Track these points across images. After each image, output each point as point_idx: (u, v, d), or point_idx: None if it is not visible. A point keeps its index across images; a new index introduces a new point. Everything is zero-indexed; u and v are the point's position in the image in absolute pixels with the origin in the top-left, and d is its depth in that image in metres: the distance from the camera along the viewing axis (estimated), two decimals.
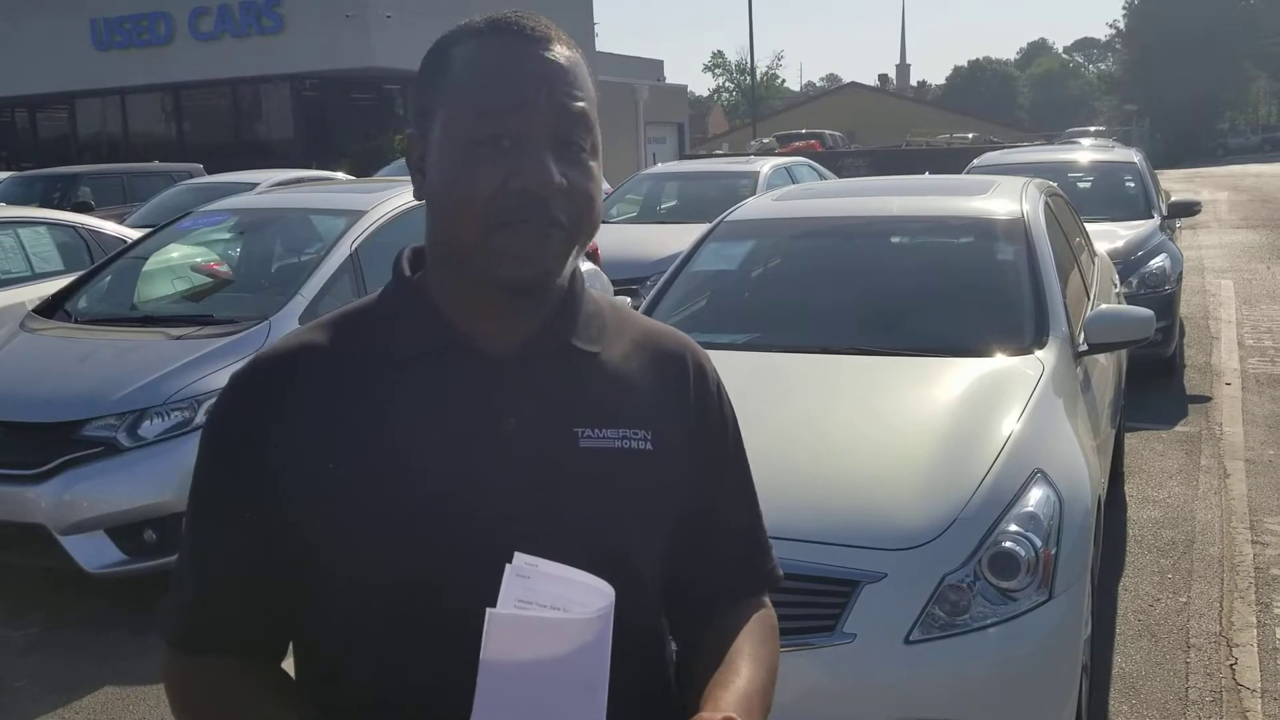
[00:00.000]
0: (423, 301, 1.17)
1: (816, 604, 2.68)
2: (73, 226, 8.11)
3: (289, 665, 1.24)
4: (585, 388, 1.19)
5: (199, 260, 6.16)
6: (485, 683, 0.97)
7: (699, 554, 1.27)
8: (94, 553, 4.38)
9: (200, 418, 4.55)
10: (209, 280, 6.03)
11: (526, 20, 1.14)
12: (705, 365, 1.31)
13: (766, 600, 1.36)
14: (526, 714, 0.98)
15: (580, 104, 1.13)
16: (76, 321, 5.58)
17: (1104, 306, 4.50)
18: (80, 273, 6.43)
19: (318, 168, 16.76)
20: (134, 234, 7.71)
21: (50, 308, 5.76)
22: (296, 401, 1.13)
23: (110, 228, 8.39)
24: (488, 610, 0.97)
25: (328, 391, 1.14)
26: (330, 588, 1.13)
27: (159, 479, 4.42)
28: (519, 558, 1.00)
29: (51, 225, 8.08)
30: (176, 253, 6.21)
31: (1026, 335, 3.81)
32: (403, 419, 1.12)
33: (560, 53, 1.13)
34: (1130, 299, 6.75)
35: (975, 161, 10.86)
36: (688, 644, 1.30)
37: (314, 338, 1.18)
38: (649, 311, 4.39)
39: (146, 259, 6.13)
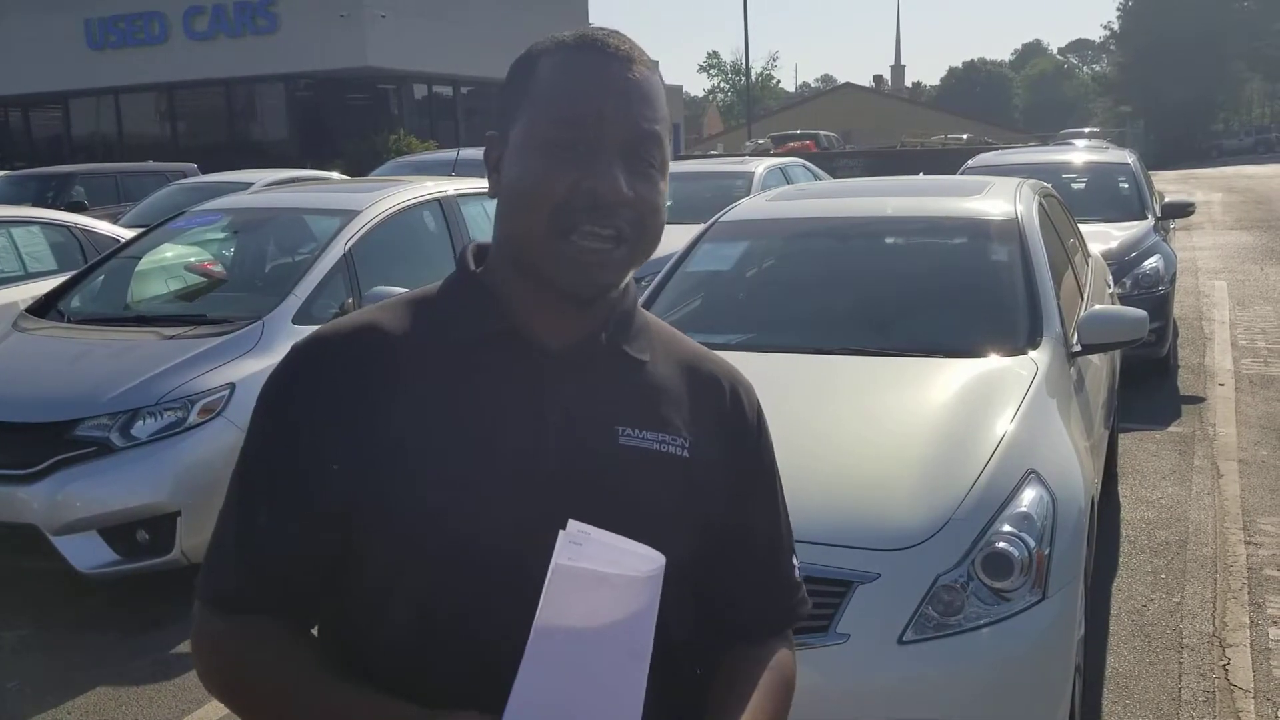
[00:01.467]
0: (484, 293, 1.22)
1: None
2: (66, 226, 8.10)
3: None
4: (631, 391, 1.24)
5: (192, 260, 6.15)
6: (538, 637, 0.99)
7: (723, 579, 1.30)
8: (86, 553, 4.37)
9: (194, 417, 4.54)
10: (202, 280, 6.02)
11: (612, 39, 1.20)
12: (748, 396, 1.35)
13: (789, 636, 1.37)
14: (571, 679, 1.00)
15: (653, 123, 1.18)
16: (69, 321, 5.57)
17: (1098, 307, 4.50)
18: (73, 272, 6.42)
19: (312, 167, 16.74)
20: (127, 234, 7.69)
21: (43, 307, 5.75)
22: (351, 375, 1.17)
23: (104, 227, 8.38)
24: (554, 561, 0.99)
25: (387, 369, 1.18)
26: (375, 558, 1.15)
27: (152, 479, 4.42)
28: (573, 524, 1.02)
29: (45, 225, 8.07)
30: (170, 252, 6.20)
31: (1020, 336, 3.81)
32: (453, 403, 1.17)
33: (640, 73, 1.19)
34: (1124, 300, 6.76)
35: (970, 162, 10.87)
36: (712, 661, 1.31)
37: (377, 318, 1.22)
38: None
39: (140, 259, 6.12)
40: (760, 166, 11.83)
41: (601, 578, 1.00)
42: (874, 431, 3.24)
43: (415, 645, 1.15)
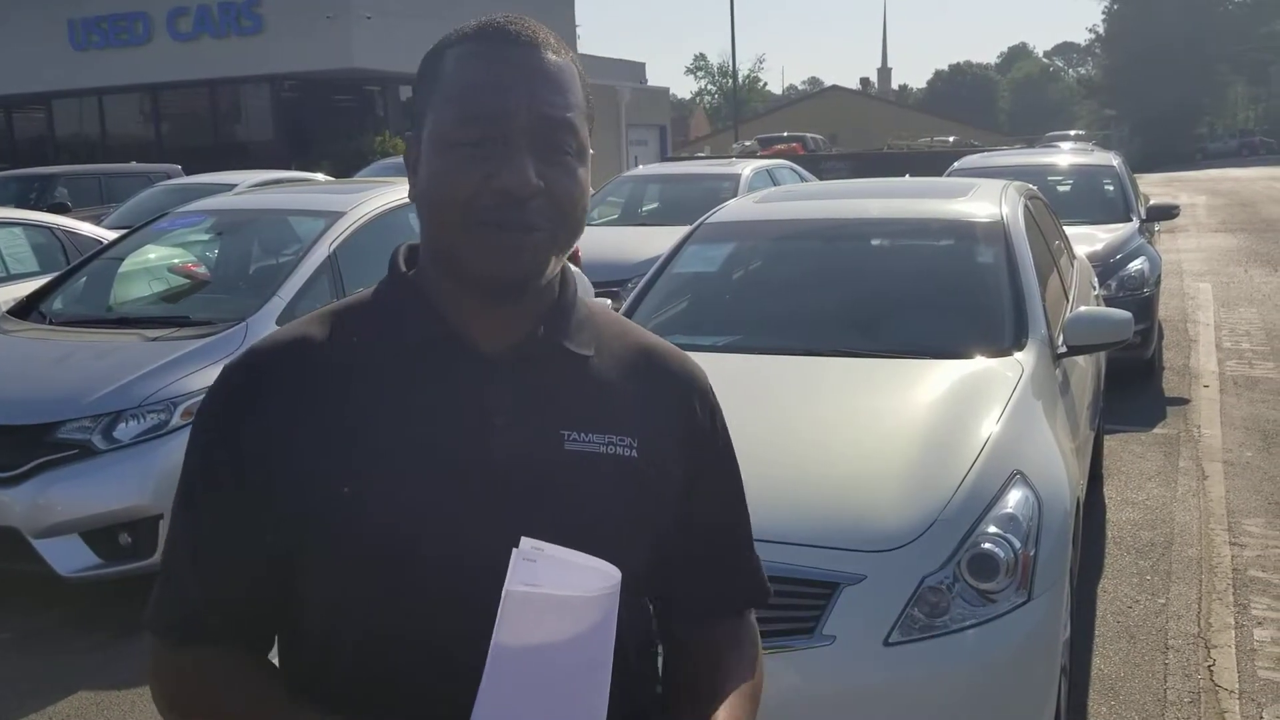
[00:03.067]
0: (415, 297, 1.19)
1: (796, 606, 2.67)
2: (48, 227, 8.05)
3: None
4: (574, 391, 1.20)
5: (176, 261, 6.12)
6: (495, 663, 0.98)
7: (684, 567, 1.29)
8: (68, 556, 4.34)
9: (176, 420, 4.51)
10: (186, 281, 5.99)
11: (514, 25, 1.16)
12: (700, 384, 1.32)
13: (752, 619, 1.38)
14: (533, 693, 0.99)
15: (564, 110, 1.14)
16: (51, 323, 5.53)
17: (1083, 309, 4.51)
18: (56, 274, 6.38)
19: (297, 169, 16.67)
20: (110, 235, 7.65)
21: (25, 309, 5.71)
22: (289, 392, 1.15)
23: (86, 228, 8.33)
24: (505, 588, 0.98)
25: (317, 383, 1.15)
26: (320, 576, 1.14)
27: (134, 482, 4.38)
28: (525, 542, 1.01)
29: (27, 226, 8.02)
30: (153, 254, 6.17)
31: (1006, 337, 3.82)
32: (393, 411, 1.14)
33: (547, 58, 1.15)
34: (1109, 302, 6.78)
35: (956, 165, 10.89)
36: (674, 658, 1.32)
37: (308, 330, 1.20)
38: (629, 313, 4.38)
39: (123, 260, 6.08)
40: (747, 168, 11.85)
41: (556, 600, 0.99)
42: (860, 433, 3.24)
43: (369, 663, 1.13)
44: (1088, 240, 7.80)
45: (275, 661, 1.23)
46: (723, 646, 1.30)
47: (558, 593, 0.99)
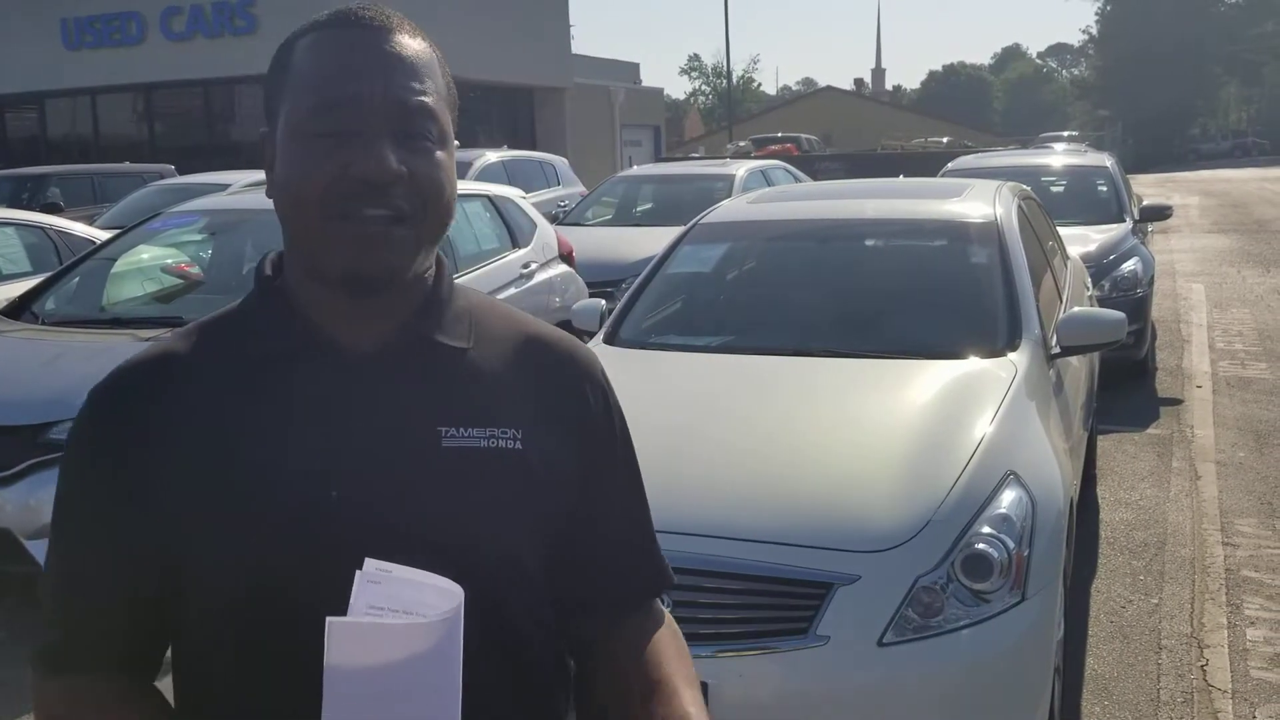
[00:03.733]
0: (283, 304, 1.16)
1: (790, 606, 2.67)
2: (41, 227, 8.02)
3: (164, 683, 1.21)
4: (451, 386, 1.16)
5: (169, 261, 6.10)
6: (332, 690, 0.96)
7: (585, 556, 1.26)
8: None
9: None
10: (179, 282, 5.98)
11: (367, 11, 1.13)
12: (590, 369, 1.28)
13: (660, 605, 1.34)
14: (376, 717, 0.97)
15: (420, 94, 1.10)
16: (44, 323, 5.51)
17: (1076, 309, 4.52)
18: (49, 274, 6.36)
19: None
20: (103, 235, 7.63)
21: (17, 309, 5.69)
22: (158, 411, 1.12)
23: (79, 228, 8.30)
24: (328, 619, 0.96)
25: (190, 399, 1.12)
26: (195, 598, 1.11)
27: None
28: (369, 564, 0.99)
29: (19, 226, 7.99)
30: (146, 254, 6.15)
31: (999, 338, 3.82)
32: (264, 422, 1.11)
33: (402, 42, 1.12)
34: (1102, 302, 6.78)
35: (949, 165, 10.92)
36: (583, 651, 1.28)
37: (175, 346, 1.17)
38: (623, 314, 4.38)
39: (116, 260, 6.07)
40: (741, 169, 11.86)
41: (385, 629, 0.97)
42: (854, 433, 3.24)
43: (244, 692, 1.10)
44: (1081, 241, 7.82)
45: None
46: (644, 636, 1.27)
47: (385, 621, 0.97)
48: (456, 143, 1.18)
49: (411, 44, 1.13)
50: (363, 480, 1.10)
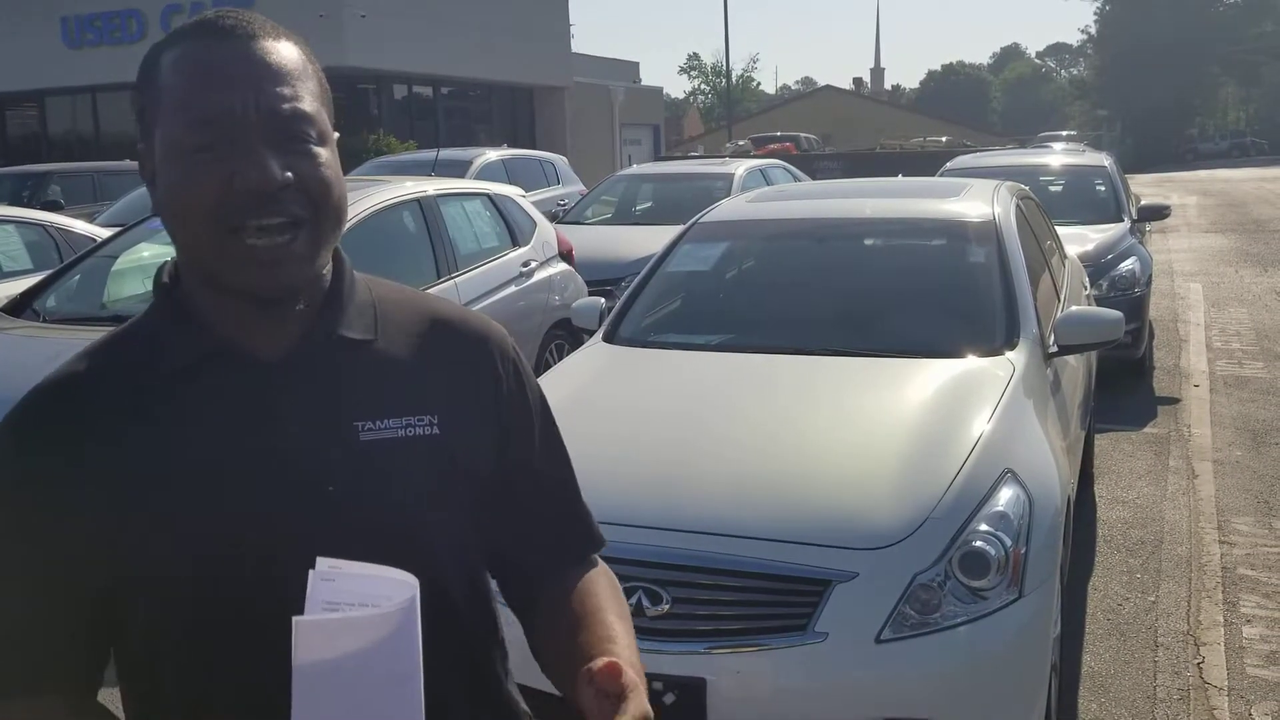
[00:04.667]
0: (184, 315, 1.15)
1: (788, 603, 2.69)
2: (41, 225, 8.03)
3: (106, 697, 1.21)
4: (361, 380, 1.17)
5: (169, 259, 6.11)
6: (300, 687, 0.98)
7: (517, 529, 1.28)
8: None
9: None
10: None
11: (229, 18, 1.11)
12: (499, 342, 1.29)
13: (599, 560, 1.36)
14: (345, 711, 0.99)
15: (292, 100, 1.10)
16: (45, 321, 5.52)
17: (1074, 308, 4.53)
18: (49, 272, 6.37)
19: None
20: (104, 233, 7.64)
21: (18, 307, 5.70)
22: (72, 433, 1.11)
23: (80, 226, 8.32)
24: (294, 618, 0.97)
25: (100, 416, 1.12)
26: (134, 614, 1.11)
27: None
28: (321, 562, 1.01)
29: (20, 224, 8.01)
30: (147, 252, 6.16)
31: (997, 336, 3.84)
32: (180, 435, 1.11)
33: (267, 47, 1.10)
34: (1100, 301, 6.80)
35: (948, 165, 10.93)
36: (528, 612, 1.30)
37: (76, 367, 1.16)
38: (623, 312, 4.40)
39: (116, 258, 6.07)
40: (740, 168, 11.87)
41: (345, 623, 0.99)
42: (852, 431, 3.26)
43: (194, 697, 1.11)
44: (1079, 240, 7.83)
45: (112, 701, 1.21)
46: (581, 585, 1.29)
47: (346, 615, 0.99)
48: (336, 135, 1.17)
49: (277, 48, 1.11)
50: (287, 482, 1.10)
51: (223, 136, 1.07)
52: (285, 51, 1.12)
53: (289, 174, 1.07)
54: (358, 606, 1.00)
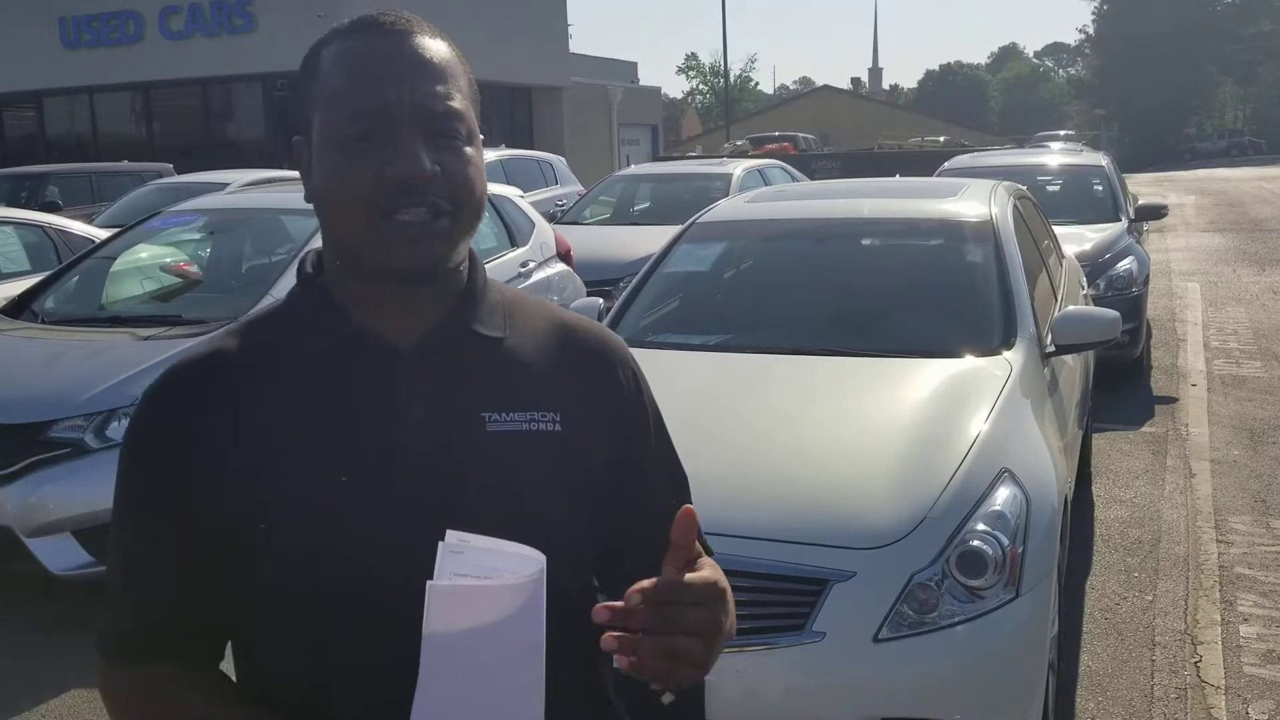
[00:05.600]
0: (326, 301, 1.20)
1: (786, 603, 2.69)
2: (40, 226, 8.03)
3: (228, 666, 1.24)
4: (490, 373, 1.21)
5: (168, 260, 6.12)
6: (429, 654, 1.00)
7: (626, 535, 1.30)
8: (60, 555, 4.34)
9: None
10: (178, 280, 5.99)
11: (387, 17, 1.17)
12: (621, 353, 1.33)
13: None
14: (469, 680, 1.01)
15: (446, 99, 1.14)
16: (44, 322, 5.53)
17: (1071, 308, 4.54)
18: (48, 273, 6.37)
19: (289, 168, 16.63)
20: (102, 234, 7.64)
21: (17, 308, 5.71)
22: (209, 408, 1.15)
23: (78, 227, 8.31)
24: (427, 583, 0.99)
25: (239, 394, 1.16)
26: (262, 586, 1.14)
27: None
28: (450, 534, 1.03)
29: (18, 225, 8.01)
30: (145, 253, 6.17)
31: (995, 336, 3.85)
32: (313, 415, 1.15)
33: (424, 45, 1.16)
34: (1098, 301, 6.81)
35: (946, 165, 10.94)
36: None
37: (224, 343, 1.20)
38: (621, 312, 4.40)
39: (115, 259, 6.09)
40: (738, 168, 11.88)
41: (479, 590, 1.01)
42: (850, 431, 3.26)
43: (312, 671, 1.14)
44: (1077, 240, 7.84)
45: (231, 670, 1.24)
46: None
47: (480, 583, 1.01)
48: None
49: (433, 46, 1.17)
50: (415, 464, 1.14)
51: (378, 128, 1.12)
52: (440, 50, 1.17)
53: (437, 167, 1.12)
54: (484, 579, 1.01)
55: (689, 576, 1.08)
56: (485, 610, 1.00)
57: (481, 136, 1.21)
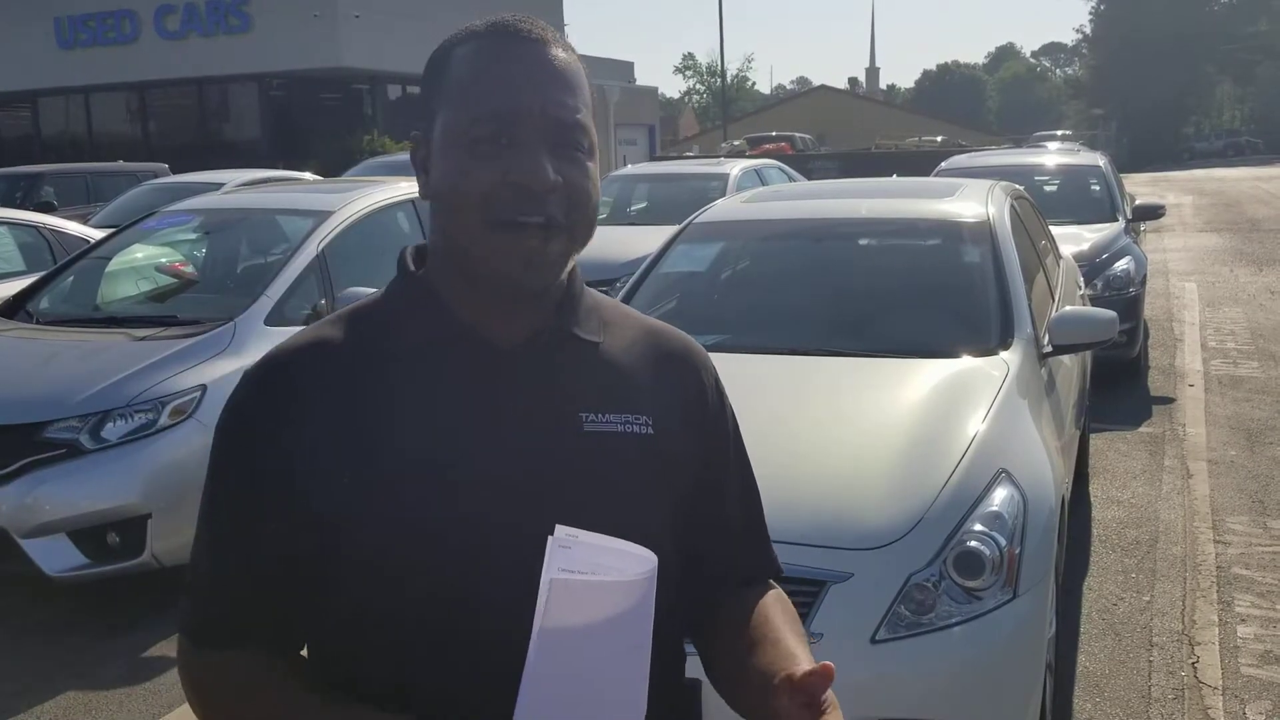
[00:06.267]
0: (428, 296, 1.21)
1: None
2: (35, 227, 8.02)
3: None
4: (588, 375, 1.23)
5: (163, 261, 6.10)
6: (541, 646, 1.00)
7: (703, 545, 1.31)
8: (56, 556, 4.32)
9: (164, 419, 4.50)
10: (173, 281, 5.97)
11: (525, 24, 1.18)
12: (704, 363, 1.36)
13: (775, 585, 1.40)
14: (576, 675, 1.01)
15: (575, 110, 1.16)
16: (38, 322, 5.52)
17: (1068, 308, 4.54)
18: (43, 273, 6.36)
19: (285, 168, 16.63)
20: (97, 234, 7.63)
21: (12, 308, 5.69)
22: (310, 395, 1.16)
23: (73, 228, 8.31)
24: (548, 576, 0.99)
25: (340, 384, 1.17)
26: (350, 575, 1.14)
27: (122, 482, 4.37)
28: (560, 529, 1.03)
29: (13, 225, 8.00)
30: (140, 253, 6.15)
31: (992, 336, 3.84)
32: (412, 409, 1.16)
33: (557, 56, 1.17)
34: (1095, 301, 6.81)
35: (943, 164, 10.93)
36: (700, 630, 1.34)
37: (325, 333, 1.21)
38: None
39: (110, 259, 6.07)
40: (735, 168, 11.86)
41: (598, 586, 1.01)
42: (847, 432, 3.25)
43: (401, 662, 1.13)
44: (1074, 240, 7.84)
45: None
46: (757, 606, 1.31)
47: (599, 578, 1.01)
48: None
49: (565, 58, 1.18)
50: (511, 460, 1.15)
51: (506, 132, 1.13)
52: (572, 63, 1.18)
53: (559, 178, 1.13)
54: (593, 575, 1.01)
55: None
56: (599, 606, 1.01)
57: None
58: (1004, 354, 3.70)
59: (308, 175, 13.98)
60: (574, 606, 1.00)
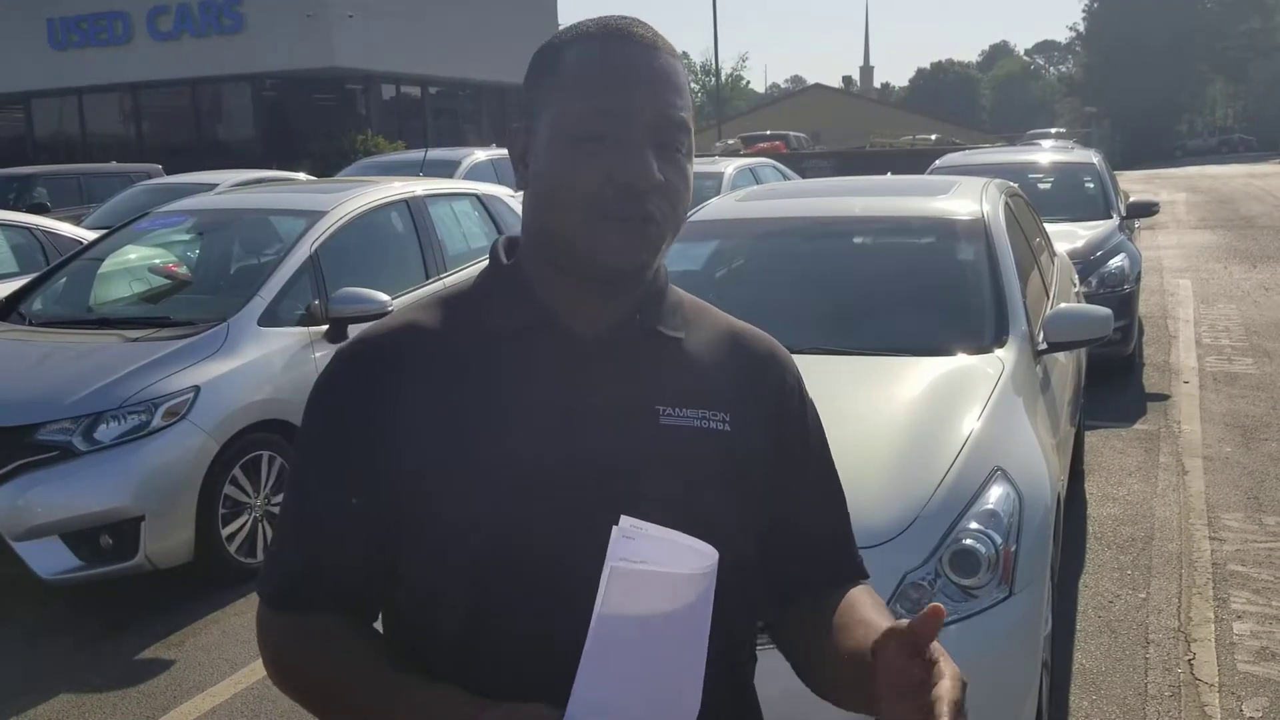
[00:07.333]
0: (518, 285, 1.24)
1: None
2: (27, 228, 8.01)
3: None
4: (668, 370, 1.25)
5: (157, 262, 6.09)
6: (598, 634, 1.00)
7: (782, 547, 1.31)
8: (49, 559, 4.31)
9: (158, 421, 4.49)
10: (167, 282, 5.96)
11: (635, 27, 1.22)
12: (787, 365, 1.37)
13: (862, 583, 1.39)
14: (632, 664, 1.01)
15: (681, 111, 1.20)
16: (31, 324, 5.50)
17: (1063, 306, 4.54)
18: (35, 274, 6.34)
19: (278, 168, 16.60)
20: (90, 235, 7.61)
21: (4, 310, 5.68)
22: (400, 376, 1.20)
23: (66, 229, 8.29)
24: (609, 564, 1.00)
25: (430, 364, 1.20)
26: (431, 554, 1.17)
27: (115, 483, 4.36)
28: (625, 520, 1.03)
29: (6, 226, 7.98)
30: (134, 254, 6.14)
31: (987, 334, 3.84)
32: (497, 393, 1.19)
33: (665, 60, 1.21)
34: (1089, 298, 6.81)
35: (937, 163, 10.93)
36: (779, 626, 1.35)
37: (416, 317, 1.25)
38: None
39: (103, 260, 6.06)
40: (730, 167, 11.89)
41: (657, 577, 1.01)
42: (842, 430, 3.22)
43: (470, 638, 1.16)
44: (1068, 237, 7.84)
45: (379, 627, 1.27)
46: (843, 599, 1.31)
47: (659, 569, 1.01)
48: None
49: (673, 62, 1.22)
50: (589, 449, 1.17)
51: (614, 130, 1.15)
52: (679, 68, 1.22)
53: (661, 177, 1.16)
54: (655, 567, 1.01)
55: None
56: (659, 597, 1.01)
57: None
58: (999, 352, 3.70)
59: (301, 175, 13.97)
60: (632, 596, 1.00)
